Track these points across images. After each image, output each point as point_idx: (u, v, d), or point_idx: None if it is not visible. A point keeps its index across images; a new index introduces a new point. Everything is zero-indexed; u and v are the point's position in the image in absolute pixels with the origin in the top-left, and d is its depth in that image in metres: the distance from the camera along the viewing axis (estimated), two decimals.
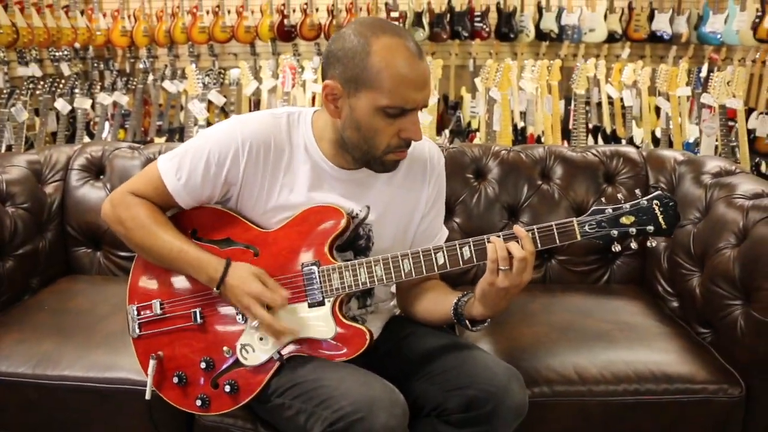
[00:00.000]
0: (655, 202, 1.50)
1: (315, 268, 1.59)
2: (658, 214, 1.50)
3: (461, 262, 1.53)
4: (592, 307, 2.19)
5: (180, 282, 1.69)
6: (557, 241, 1.50)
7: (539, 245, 1.49)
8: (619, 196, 1.55)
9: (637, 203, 1.51)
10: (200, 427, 1.76)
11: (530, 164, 2.50)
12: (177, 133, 5.41)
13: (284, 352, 1.61)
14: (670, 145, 4.56)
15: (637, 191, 1.55)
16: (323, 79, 1.54)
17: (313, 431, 1.47)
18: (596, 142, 5.20)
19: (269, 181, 1.63)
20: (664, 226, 1.50)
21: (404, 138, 1.54)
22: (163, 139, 5.33)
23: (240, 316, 1.64)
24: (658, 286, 2.33)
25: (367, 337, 1.56)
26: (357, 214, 1.66)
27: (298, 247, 1.62)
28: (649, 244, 1.54)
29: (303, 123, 1.65)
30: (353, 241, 1.69)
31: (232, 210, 1.68)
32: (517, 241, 1.46)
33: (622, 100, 4.98)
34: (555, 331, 2.02)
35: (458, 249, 1.52)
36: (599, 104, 5.38)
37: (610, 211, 1.51)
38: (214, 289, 1.58)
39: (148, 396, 1.64)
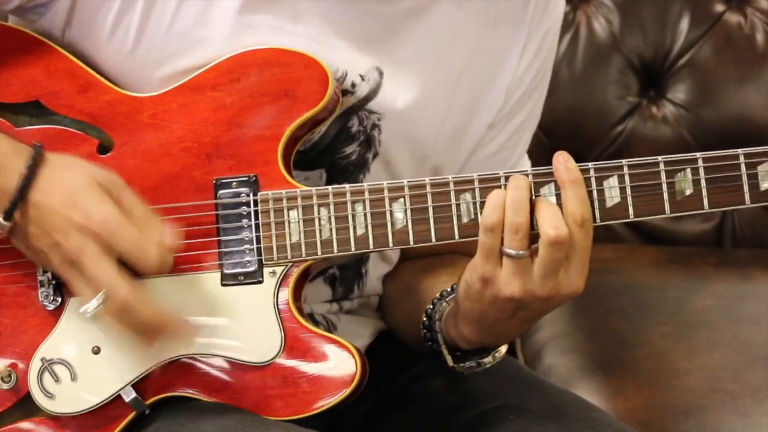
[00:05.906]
0: None
1: (248, 191, 0.90)
2: None
3: None
4: None
5: None
6: None
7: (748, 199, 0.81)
8: None
9: None
10: None
11: None
12: None
13: (150, 390, 0.92)
14: None
15: None
16: None
17: None
18: None
19: None
20: None
21: None
22: None
23: (47, 291, 0.93)
24: None
25: (357, 363, 0.90)
26: (354, 84, 0.98)
27: (209, 138, 0.95)
28: None
29: None
30: (333, 146, 1.01)
31: (56, 40, 1.00)
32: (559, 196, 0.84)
33: None
34: (756, 368, 1.28)
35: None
36: None
37: None
38: None
39: None
